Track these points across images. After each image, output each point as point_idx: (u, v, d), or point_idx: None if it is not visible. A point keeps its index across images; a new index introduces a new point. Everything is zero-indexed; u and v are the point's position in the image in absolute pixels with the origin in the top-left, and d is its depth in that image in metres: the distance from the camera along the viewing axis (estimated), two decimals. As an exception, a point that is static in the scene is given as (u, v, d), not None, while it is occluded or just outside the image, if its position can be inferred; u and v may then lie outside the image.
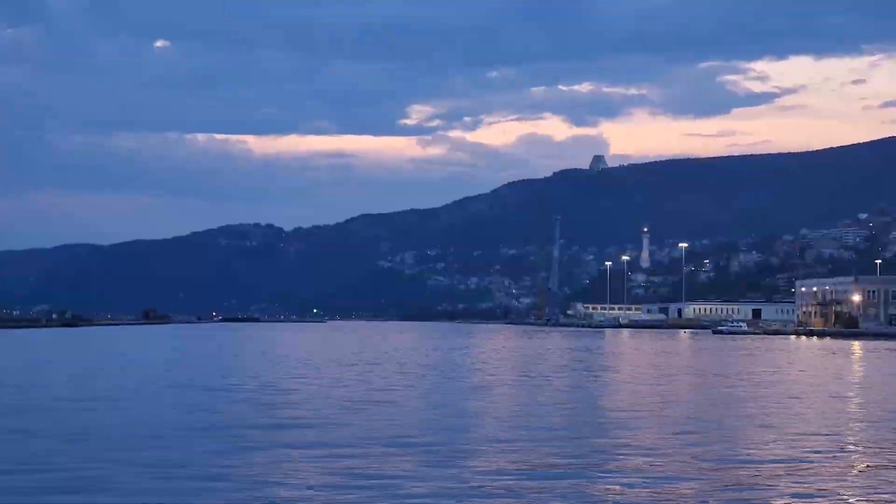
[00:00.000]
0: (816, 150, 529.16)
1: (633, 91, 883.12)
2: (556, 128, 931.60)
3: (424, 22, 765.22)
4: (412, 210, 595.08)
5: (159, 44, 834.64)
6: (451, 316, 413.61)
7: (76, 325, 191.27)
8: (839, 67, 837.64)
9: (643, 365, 60.48)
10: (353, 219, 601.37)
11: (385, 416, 28.21)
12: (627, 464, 20.01)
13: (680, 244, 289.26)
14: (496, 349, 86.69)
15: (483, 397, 35.31)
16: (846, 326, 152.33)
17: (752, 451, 21.83)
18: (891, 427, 26.67)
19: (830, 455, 21.43)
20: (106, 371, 50.56)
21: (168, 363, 59.52)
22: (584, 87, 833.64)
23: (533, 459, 20.48)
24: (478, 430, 25.36)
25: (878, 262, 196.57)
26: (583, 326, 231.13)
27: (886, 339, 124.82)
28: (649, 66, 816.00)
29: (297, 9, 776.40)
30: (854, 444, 23.28)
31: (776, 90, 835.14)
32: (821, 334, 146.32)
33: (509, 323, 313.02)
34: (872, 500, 16.65)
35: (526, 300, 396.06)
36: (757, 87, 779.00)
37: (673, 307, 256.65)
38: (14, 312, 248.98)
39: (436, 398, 34.58)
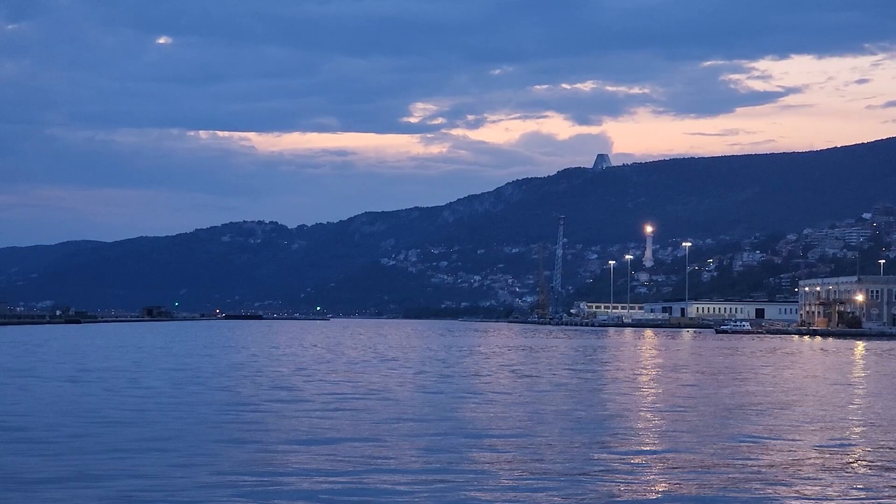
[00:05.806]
0: (819, 150, 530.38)
1: (636, 90, 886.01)
2: (559, 126, 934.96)
3: (428, 19, 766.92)
4: (415, 208, 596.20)
5: (161, 40, 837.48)
6: (454, 314, 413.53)
7: (80, 322, 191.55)
8: (842, 66, 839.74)
9: (645, 364, 60.49)
10: (356, 216, 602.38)
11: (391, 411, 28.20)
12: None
13: (683, 243, 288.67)
14: (506, 348, 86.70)
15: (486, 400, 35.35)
16: (849, 326, 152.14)
17: (752, 451, 21.83)
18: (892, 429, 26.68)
19: (832, 458, 21.42)
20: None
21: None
22: (587, 86, 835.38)
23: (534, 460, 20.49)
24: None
25: (882, 261, 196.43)
26: (586, 325, 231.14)
27: (890, 339, 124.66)
28: (652, 64, 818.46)
29: (301, 6, 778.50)
30: (856, 447, 23.27)
31: (779, 89, 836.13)
32: (824, 334, 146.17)
33: (512, 321, 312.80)
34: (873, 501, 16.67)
35: (529, 298, 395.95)
36: (760, 86, 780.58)
37: (676, 306, 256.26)
38: (18, 308, 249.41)
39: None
